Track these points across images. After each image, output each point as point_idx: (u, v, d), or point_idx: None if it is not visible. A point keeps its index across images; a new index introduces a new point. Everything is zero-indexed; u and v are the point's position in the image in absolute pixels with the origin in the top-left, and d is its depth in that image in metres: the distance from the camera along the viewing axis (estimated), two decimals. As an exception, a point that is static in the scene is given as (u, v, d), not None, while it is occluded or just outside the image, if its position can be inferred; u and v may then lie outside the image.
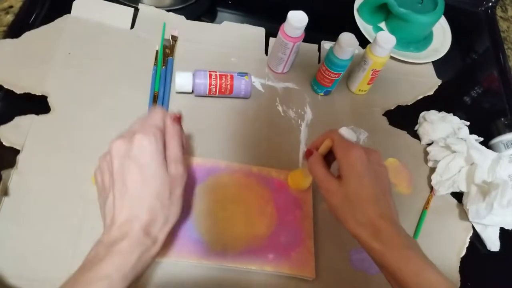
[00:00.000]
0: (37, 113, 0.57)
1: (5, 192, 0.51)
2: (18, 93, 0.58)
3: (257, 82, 0.69)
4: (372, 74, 0.67)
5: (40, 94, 0.59)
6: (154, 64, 0.65)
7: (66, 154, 0.55)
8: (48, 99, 0.59)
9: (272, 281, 0.53)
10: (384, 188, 0.46)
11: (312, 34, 0.68)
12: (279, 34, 0.64)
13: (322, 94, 0.70)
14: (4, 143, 0.54)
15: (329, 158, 0.51)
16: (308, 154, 0.51)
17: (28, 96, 0.58)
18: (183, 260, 0.51)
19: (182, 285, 0.50)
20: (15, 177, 0.52)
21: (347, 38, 0.62)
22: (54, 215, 0.51)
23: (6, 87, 0.58)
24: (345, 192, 0.44)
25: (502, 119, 0.71)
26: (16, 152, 0.54)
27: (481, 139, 0.68)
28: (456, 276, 0.59)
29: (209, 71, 0.63)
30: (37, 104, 0.58)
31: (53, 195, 0.52)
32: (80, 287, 0.36)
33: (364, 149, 0.46)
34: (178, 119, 0.47)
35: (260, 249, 0.54)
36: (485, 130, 0.71)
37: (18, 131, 0.55)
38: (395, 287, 0.42)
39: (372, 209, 0.43)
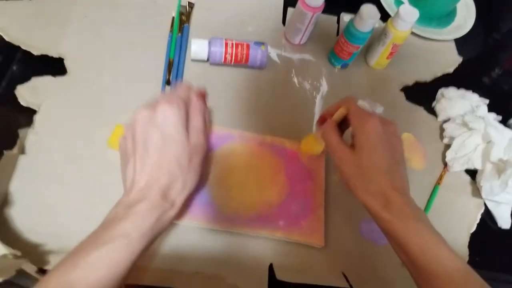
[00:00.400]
0: (54, 75, 0.58)
1: (22, 151, 0.52)
2: (35, 54, 0.58)
3: (273, 53, 0.69)
4: (392, 49, 0.66)
5: (57, 56, 0.59)
6: (170, 31, 0.65)
7: (81, 116, 0.56)
8: (64, 62, 0.59)
9: (281, 248, 0.54)
10: (398, 160, 0.45)
11: (332, 6, 0.67)
12: (298, 3, 0.62)
13: (339, 67, 0.69)
14: (21, 103, 0.54)
15: (342, 126, 0.51)
16: (322, 120, 0.51)
17: (45, 58, 0.59)
18: (194, 223, 0.52)
19: (192, 247, 0.51)
20: (32, 137, 0.53)
21: (368, 10, 0.60)
22: (69, 175, 0.52)
23: (23, 47, 0.58)
24: (358, 162, 0.44)
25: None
26: (33, 112, 0.54)
27: (500, 117, 0.67)
28: (465, 251, 0.59)
29: (225, 39, 0.62)
30: (53, 66, 0.59)
31: (68, 156, 0.53)
32: (101, 242, 0.37)
33: (381, 119, 0.46)
34: (202, 95, 0.49)
35: (270, 216, 0.54)
36: (504, 110, 0.70)
37: (35, 91, 0.56)
38: (403, 258, 0.42)
39: (384, 180, 0.43)
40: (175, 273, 0.49)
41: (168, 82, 0.61)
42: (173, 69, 0.62)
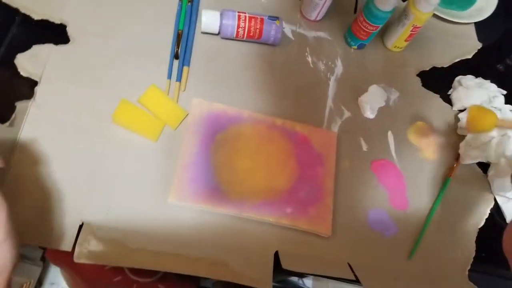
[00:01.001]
0: (56, 43, 0.54)
1: (17, 125, 0.48)
2: (35, 19, 0.54)
3: (287, 29, 0.65)
4: (411, 31, 0.62)
5: (59, 23, 0.55)
6: (179, 0, 0.60)
7: (85, 88, 0.53)
8: (67, 29, 0.55)
9: (288, 235, 0.52)
10: None
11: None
12: (317, -23, 0.58)
13: (355, 47, 0.65)
14: (21, 73, 0.51)
15: None
16: None
17: (46, 24, 0.55)
18: (199, 206, 0.50)
19: (196, 232, 0.50)
20: (33, 110, 0.50)
21: (391, -12, 0.56)
22: (71, 151, 0.49)
23: (23, 11, 0.54)
24: None
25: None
26: (34, 83, 0.51)
27: (517, 109, 0.64)
28: (472, 246, 0.58)
29: (238, 12, 0.58)
30: (56, 33, 0.55)
31: (71, 131, 0.50)
32: None
33: None
34: None
35: (278, 202, 0.52)
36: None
37: (36, 60, 0.52)
38: None
39: None
40: (178, 257, 0.47)
41: (176, 56, 0.57)
42: (182, 42, 0.58)
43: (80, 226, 0.46)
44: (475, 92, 0.63)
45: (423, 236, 0.56)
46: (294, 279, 1.24)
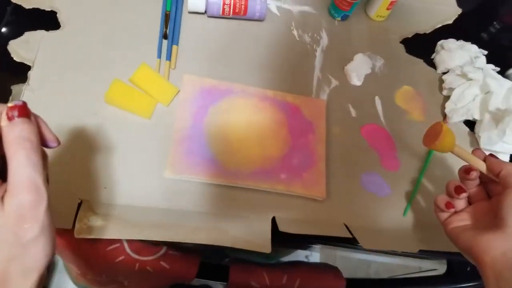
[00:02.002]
0: (47, 29, 0.52)
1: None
2: (26, 8, 0.52)
3: (272, 5, 0.63)
4: (392, -2, 0.60)
5: (49, 10, 0.53)
6: (166, -18, 0.59)
7: (78, 71, 0.51)
8: (57, 15, 0.53)
9: (284, 201, 0.51)
10: None
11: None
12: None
13: (339, 19, 0.64)
14: (14, 58, 0.49)
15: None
16: (459, 191, 0.42)
17: (37, 12, 0.53)
18: (197, 178, 0.48)
19: (195, 202, 0.48)
20: (27, 93, 0.48)
21: (369, -45, 0.54)
22: (67, 133, 0.48)
23: (14, 1, 0.52)
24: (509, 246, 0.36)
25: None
26: (27, 68, 0.49)
27: (498, 68, 0.62)
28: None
29: (223, -10, 0.57)
30: (47, 20, 0.53)
31: (65, 112, 0.48)
32: None
33: None
34: (22, 110, 0.27)
35: (272, 169, 0.51)
36: (503, 61, 0.65)
37: (29, 46, 0.50)
38: None
39: None
40: (177, 227, 0.45)
41: (165, 36, 0.55)
42: (170, 22, 0.56)
43: (79, 204, 0.44)
44: (457, 54, 0.62)
45: (416, 193, 0.55)
46: (302, 255, 1.22)
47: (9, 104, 0.27)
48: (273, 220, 0.48)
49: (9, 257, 0.26)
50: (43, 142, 0.29)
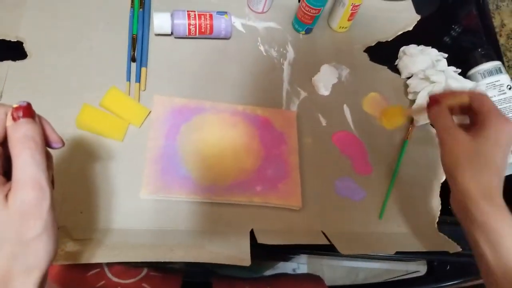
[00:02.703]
0: (14, 59, 0.53)
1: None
2: (-9, 40, 0.53)
3: (237, 23, 0.65)
4: (352, 9, 0.64)
5: (16, 40, 0.54)
6: (131, 6, 0.61)
7: (47, 98, 0.52)
8: (24, 45, 0.54)
9: (261, 213, 0.52)
10: (506, 166, 0.43)
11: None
12: (257, -31, 0.59)
13: (303, 32, 0.67)
14: (-19, 90, 0.50)
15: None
16: (434, 102, 0.46)
17: (2, 43, 0.54)
18: (173, 197, 0.50)
19: (172, 221, 0.49)
20: (-3, 124, 0.49)
21: (326, -30, 0.58)
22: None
23: (-22, 34, 0.53)
24: (476, 149, 0.41)
25: (479, 49, 0.68)
26: (-5, 99, 0.50)
27: (459, 70, 0.66)
28: (437, 200, 0.58)
29: (188, 11, 0.59)
30: (13, 50, 0.54)
31: (37, 140, 0.49)
32: None
33: None
34: (26, 111, 0.29)
35: (248, 182, 0.52)
36: (463, 63, 0.69)
37: (-5, 77, 0.51)
38: (487, 251, 0.40)
39: (496, 177, 0.41)
40: (155, 247, 0.46)
41: (133, 59, 0.57)
42: (137, 45, 0.58)
43: (56, 230, 0.45)
44: (419, 58, 0.65)
45: (389, 196, 0.57)
46: (289, 268, 1.23)
47: (14, 105, 0.29)
48: (252, 233, 0.50)
49: (12, 254, 0.27)
50: (47, 142, 0.31)
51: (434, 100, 0.47)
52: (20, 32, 0.55)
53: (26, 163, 0.27)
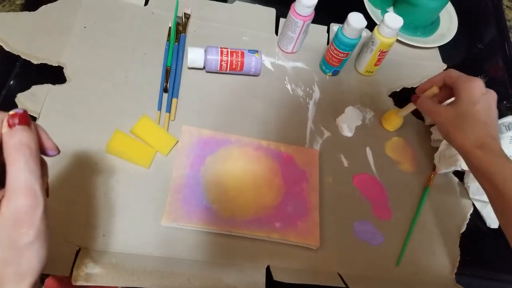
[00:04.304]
0: (54, 83, 0.58)
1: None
2: (35, 63, 0.59)
3: (267, 61, 0.70)
4: (379, 55, 0.68)
5: (56, 65, 0.60)
6: (167, 40, 0.66)
7: (81, 122, 0.56)
8: (64, 70, 0.59)
9: (278, 249, 0.54)
10: (493, 117, 0.51)
11: (322, 17, 0.69)
12: (290, 13, 0.64)
13: (330, 74, 0.71)
14: (21, 110, 0.55)
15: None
16: (416, 98, 0.59)
17: (44, 67, 0.59)
18: (193, 226, 0.52)
19: (191, 250, 0.51)
20: (33, 143, 0.53)
21: (355, 18, 0.62)
22: (69, 181, 0.52)
23: (23, 57, 0.59)
24: (458, 113, 0.51)
25: (504, 102, 0.71)
26: (33, 119, 0.55)
27: (484, 121, 0.69)
28: (456, 250, 0.60)
29: (221, 47, 0.64)
30: (53, 75, 0.59)
31: (68, 161, 0.53)
32: None
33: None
34: (22, 118, 0.29)
35: (267, 217, 0.55)
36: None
37: (35, 99, 0.56)
38: (490, 191, 0.48)
39: (481, 128, 0.49)
40: (172, 275, 0.48)
41: (165, 90, 0.61)
42: (170, 77, 0.62)
43: (77, 252, 0.48)
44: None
45: (408, 243, 0.58)
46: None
47: (10, 112, 0.29)
48: (268, 269, 0.52)
49: (4, 260, 0.28)
50: (42, 150, 0.32)
51: (415, 97, 0.59)
52: (61, 57, 0.60)
53: (20, 170, 0.28)
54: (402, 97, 0.72)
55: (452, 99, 0.55)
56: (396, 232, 0.59)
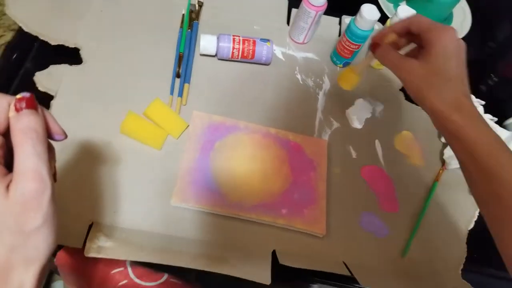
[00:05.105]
0: (70, 64, 0.61)
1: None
2: (52, 44, 0.62)
3: (278, 51, 0.72)
4: (391, 48, 0.70)
5: (73, 46, 0.63)
6: (180, 27, 0.69)
7: (96, 103, 0.59)
8: (80, 52, 0.62)
9: (284, 235, 0.56)
10: (465, 72, 0.47)
11: (334, 9, 0.71)
12: (302, 3, 0.66)
13: (341, 65, 0.73)
14: (39, 88, 0.58)
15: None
16: (375, 46, 0.52)
17: (61, 48, 0.62)
18: (201, 207, 0.55)
19: (198, 231, 0.54)
20: (48, 121, 0.56)
21: (368, 9, 0.64)
22: (83, 159, 0.55)
23: (41, 38, 0.62)
24: (430, 69, 0.45)
25: (518, 100, 0.73)
26: (50, 97, 0.58)
27: (496, 119, 0.70)
28: (463, 247, 0.61)
29: (233, 35, 0.66)
30: (70, 56, 0.62)
31: (83, 140, 0.56)
32: None
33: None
34: (29, 102, 0.30)
35: (274, 204, 0.57)
36: (500, 112, 0.73)
37: (52, 78, 0.59)
38: (465, 158, 0.45)
39: (458, 87, 0.45)
40: (180, 253, 0.51)
41: (178, 75, 0.64)
42: (182, 63, 0.65)
43: (90, 226, 0.50)
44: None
45: (414, 236, 0.60)
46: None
47: (17, 96, 0.29)
48: (273, 254, 0.54)
49: (12, 245, 0.28)
50: (49, 135, 0.32)
51: (375, 44, 0.52)
52: (78, 39, 0.63)
53: (27, 154, 0.28)
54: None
55: (409, 46, 0.51)
56: (402, 225, 0.61)
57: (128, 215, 0.53)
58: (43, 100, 0.57)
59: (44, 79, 0.58)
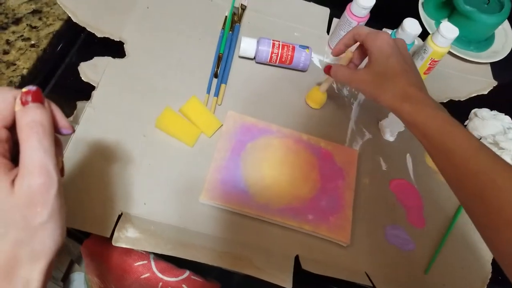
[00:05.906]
0: (114, 57, 0.62)
1: (76, 121, 0.56)
2: (98, 36, 0.63)
3: (315, 58, 0.72)
4: (430, 64, 0.68)
5: (118, 40, 0.64)
6: (222, 28, 0.69)
7: (135, 96, 0.60)
8: (124, 46, 0.63)
9: (309, 241, 0.55)
10: (410, 64, 0.51)
11: (375, 21, 0.70)
12: (345, 13, 0.66)
13: (377, 77, 0.72)
14: (82, 78, 0.59)
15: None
16: (327, 68, 0.57)
17: (107, 41, 0.63)
18: (228, 207, 0.54)
19: (225, 229, 0.54)
20: (89, 110, 0.57)
21: (411, 23, 0.63)
22: (117, 148, 0.55)
23: (88, 29, 0.63)
24: (375, 73, 0.50)
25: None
26: (92, 88, 0.59)
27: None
28: (487, 267, 0.59)
29: (273, 40, 0.66)
30: (114, 49, 0.63)
31: (120, 131, 0.56)
32: None
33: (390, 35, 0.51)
34: (35, 95, 0.29)
35: (300, 209, 0.56)
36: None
37: (96, 69, 0.60)
38: (423, 142, 0.47)
39: (402, 80, 0.48)
40: (205, 249, 0.50)
41: (215, 75, 0.64)
42: (221, 63, 0.65)
43: (119, 216, 0.51)
44: (490, 123, 0.68)
45: (439, 253, 0.58)
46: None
47: (23, 89, 0.28)
48: (296, 259, 0.53)
49: (18, 240, 0.27)
50: (56, 129, 0.31)
51: (326, 67, 0.57)
52: (123, 33, 0.64)
53: (33, 148, 0.27)
54: (448, 109, 0.72)
55: (365, 60, 0.54)
56: (428, 241, 0.59)
57: (157, 208, 0.53)
58: (85, 90, 0.58)
59: (88, 70, 0.59)
